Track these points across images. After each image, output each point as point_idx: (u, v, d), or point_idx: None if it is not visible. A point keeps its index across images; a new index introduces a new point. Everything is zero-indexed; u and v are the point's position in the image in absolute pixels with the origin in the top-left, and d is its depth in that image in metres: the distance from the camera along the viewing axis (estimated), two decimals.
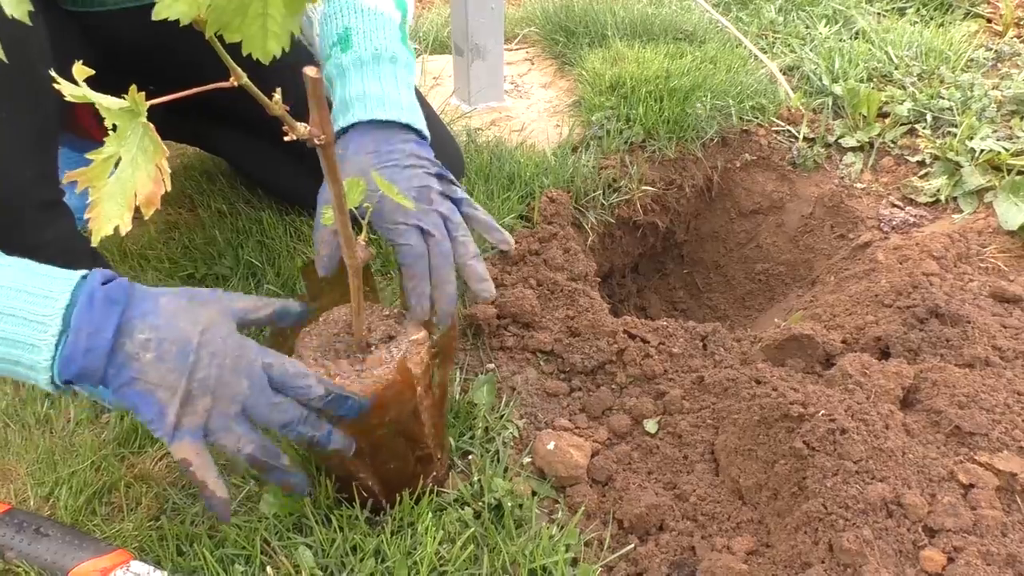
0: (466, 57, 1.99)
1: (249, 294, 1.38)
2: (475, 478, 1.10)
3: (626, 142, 1.87)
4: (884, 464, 1.01)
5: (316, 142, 0.62)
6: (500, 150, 1.79)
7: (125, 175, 0.50)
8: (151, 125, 0.50)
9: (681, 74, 2.00)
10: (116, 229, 0.50)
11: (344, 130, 1.00)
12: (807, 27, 2.54)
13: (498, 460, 1.14)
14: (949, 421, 1.11)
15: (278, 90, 0.57)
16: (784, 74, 2.25)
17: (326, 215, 0.79)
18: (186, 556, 1.00)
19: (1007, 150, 1.73)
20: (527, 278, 1.44)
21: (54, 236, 1.09)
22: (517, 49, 2.49)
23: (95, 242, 0.51)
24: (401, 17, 1.12)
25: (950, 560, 0.94)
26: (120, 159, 0.50)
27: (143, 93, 0.49)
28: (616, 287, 2.01)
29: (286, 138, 0.59)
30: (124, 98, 0.49)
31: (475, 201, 1.08)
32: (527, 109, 2.10)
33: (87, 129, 1.38)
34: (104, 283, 0.79)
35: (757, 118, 2.04)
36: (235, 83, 0.52)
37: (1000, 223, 1.61)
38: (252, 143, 1.48)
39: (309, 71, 0.57)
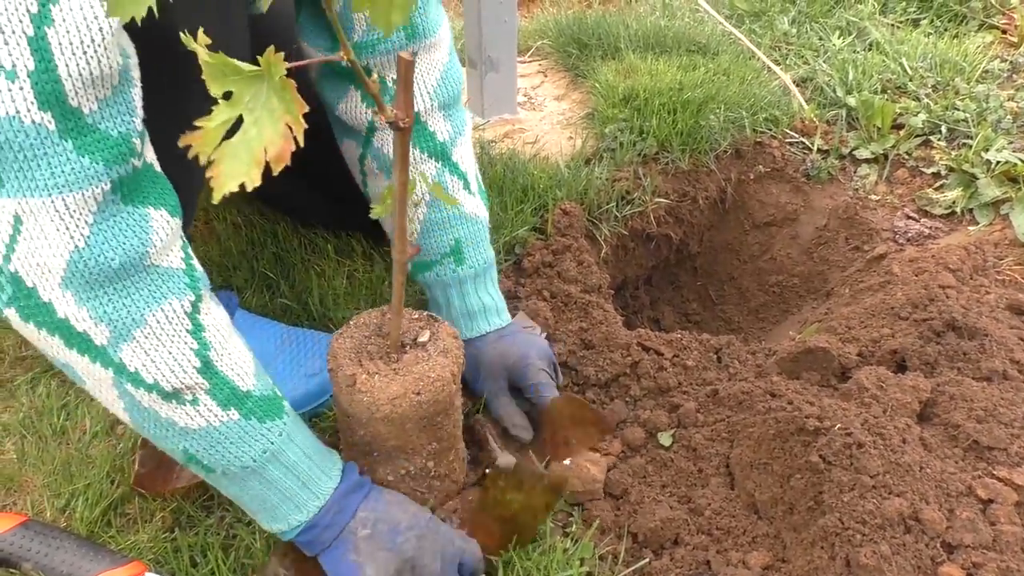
0: (479, 70, 2.00)
1: (264, 306, 1.40)
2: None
3: (639, 154, 1.87)
4: (901, 479, 1.00)
5: (400, 125, 0.65)
6: (514, 162, 1.79)
7: (250, 134, 0.51)
8: (288, 82, 0.52)
9: (694, 86, 2.00)
10: (242, 185, 0.52)
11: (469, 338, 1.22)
12: (820, 39, 2.54)
13: None
14: (967, 435, 1.10)
15: (374, 68, 0.61)
16: (797, 86, 2.24)
17: (377, 209, 0.82)
18: (200, 567, 1.00)
19: (1023, 162, 1.72)
20: (541, 290, 1.44)
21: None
22: (530, 62, 2.50)
23: (216, 199, 0.52)
24: (487, 209, 1.26)
25: None
26: (237, 122, 0.52)
27: (281, 54, 0.52)
28: (630, 299, 2.00)
29: (377, 117, 0.65)
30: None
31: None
32: (540, 121, 2.11)
33: None
34: (356, 482, 0.97)
35: (771, 130, 2.04)
36: (342, 57, 0.57)
37: (1017, 235, 1.60)
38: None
39: (404, 55, 0.61)
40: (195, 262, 0.84)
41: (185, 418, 0.82)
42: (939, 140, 1.94)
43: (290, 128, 0.52)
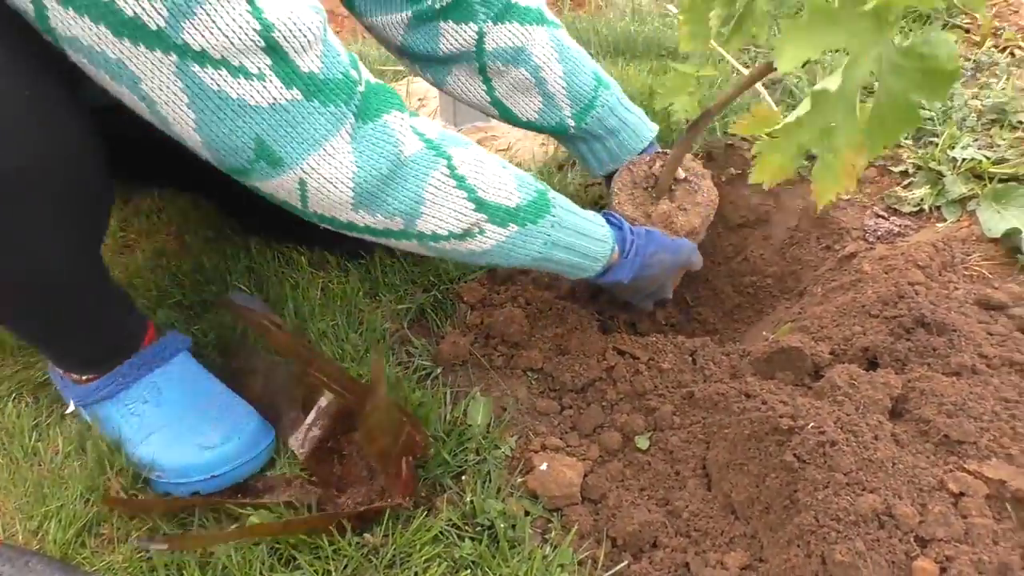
0: None
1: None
2: (468, 499, 1.09)
3: None
4: (874, 475, 1.02)
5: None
6: None
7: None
8: None
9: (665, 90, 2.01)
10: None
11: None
12: None
13: (490, 480, 1.13)
14: (938, 430, 1.11)
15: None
16: (767, 88, 2.27)
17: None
18: None
19: (988, 159, 1.75)
20: (515, 297, 1.44)
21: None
22: None
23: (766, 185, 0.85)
24: None
25: (943, 570, 0.94)
26: None
27: None
28: (605, 304, 2.01)
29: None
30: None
31: None
32: (513, 128, 2.11)
33: None
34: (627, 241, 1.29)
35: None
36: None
37: (983, 231, 1.62)
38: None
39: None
40: (428, 136, 0.98)
41: (479, 246, 1.05)
42: (906, 139, 1.96)
43: None
